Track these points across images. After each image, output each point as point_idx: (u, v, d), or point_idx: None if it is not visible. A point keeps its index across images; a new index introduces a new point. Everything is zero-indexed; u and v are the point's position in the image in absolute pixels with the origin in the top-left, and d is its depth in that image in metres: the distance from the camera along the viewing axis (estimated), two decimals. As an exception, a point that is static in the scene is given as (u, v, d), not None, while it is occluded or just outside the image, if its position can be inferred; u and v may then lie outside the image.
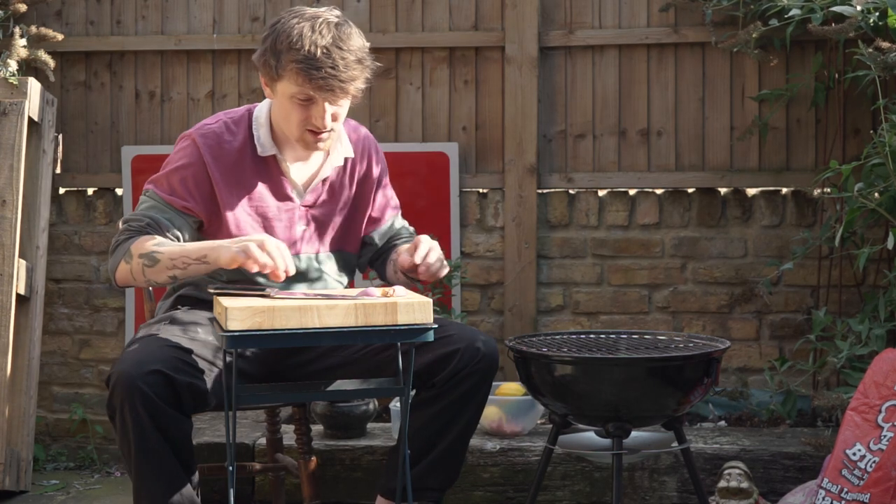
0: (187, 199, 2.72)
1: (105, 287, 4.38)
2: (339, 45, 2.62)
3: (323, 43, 2.60)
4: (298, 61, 2.60)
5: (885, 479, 2.90)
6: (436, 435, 2.72)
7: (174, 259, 2.60)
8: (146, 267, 2.62)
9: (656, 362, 2.71)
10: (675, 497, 3.52)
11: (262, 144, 2.76)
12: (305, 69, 2.60)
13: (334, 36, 2.62)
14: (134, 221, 2.70)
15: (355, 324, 2.41)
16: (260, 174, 2.77)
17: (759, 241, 4.15)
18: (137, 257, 2.63)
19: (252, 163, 2.77)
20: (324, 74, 2.60)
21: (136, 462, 2.50)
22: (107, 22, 4.38)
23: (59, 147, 4.31)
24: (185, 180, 2.72)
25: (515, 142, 4.20)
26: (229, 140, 2.76)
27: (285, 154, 2.79)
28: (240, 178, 2.75)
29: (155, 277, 2.64)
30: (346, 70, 2.62)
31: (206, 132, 2.76)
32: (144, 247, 2.63)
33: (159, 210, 2.71)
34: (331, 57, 2.60)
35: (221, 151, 2.74)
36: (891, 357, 3.02)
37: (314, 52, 2.60)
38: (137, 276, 2.65)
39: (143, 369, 2.45)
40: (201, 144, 2.73)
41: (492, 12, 4.25)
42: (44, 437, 4.38)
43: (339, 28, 2.65)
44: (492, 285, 4.25)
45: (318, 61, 2.60)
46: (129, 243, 2.66)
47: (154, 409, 2.45)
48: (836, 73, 3.99)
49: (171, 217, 2.71)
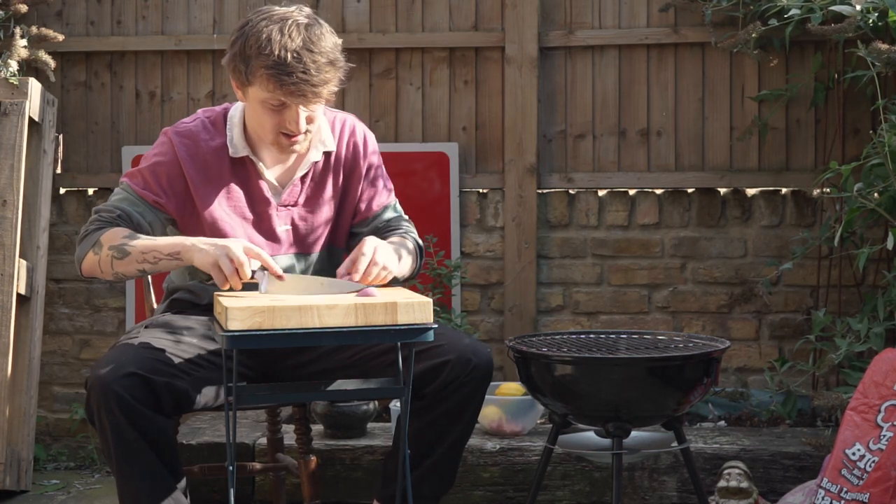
0: (160, 194, 2.70)
1: (105, 287, 4.38)
2: (309, 47, 2.54)
3: (293, 47, 2.53)
4: (268, 67, 2.53)
5: (884, 478, 2.90)
6: (429, 444, 2.69)
7: (145, 253, 2.58)
8: (115, 259, 2.59)
9: (656, 362, 2.71)
10: (674, 497, 3.52)
11: (234, 146, 2.72)
12: (276, 75, 2.53)
13: (304, 38, 2.55)
14: (105, 212, 2.67)
15: (355, 324, 2.40)
16: (236, 175, 2.73)
17: (758, 241, 4.15)
18: (107, 249, 2.60)
19: (228, 163, 2.73)
20: (295, 80, 2.53)
21: (116, 464, 2.49)
22: (107, 22, 4.38)
23: (60, 147, 4.32)
24: (158, 176, 2.70)
25: (515, 142, 4.20)
26: (206, 139, 2.72)
27: (261, 154, 2.75)
28: (216, 177, 2.72)
29: (123, 270, 2.61)
30: (318, 73, 2.54)
31: (182, 130, 2.74)
32: (115, 239, 2.60)
33: (131, 203, 2.69)
34: (301, 61, 2.53)
35: (197, 150, 2.71)
36: (890, 357, 3.02)
37: (284, 56, 2.52)
38: (105, 268, 2.62)
39: (119, 372, 2.44)
40: (176, 143, 2.71)
41: (492, 12, 4.25)
42: (44, 436, 4.38)
43: (310, 29, 2.57)
44: (492, 285, 4.26)
45: (289, 66, 2.52)
46: (99, 234, 2.64)
47: (130, 410, 2.44)
48: (836, 73, 4.00)
49: (143, 211, 2.68)
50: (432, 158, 4.24)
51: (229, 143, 2.72)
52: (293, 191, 2.78)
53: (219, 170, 2.72)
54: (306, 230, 2.80)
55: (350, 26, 4.27)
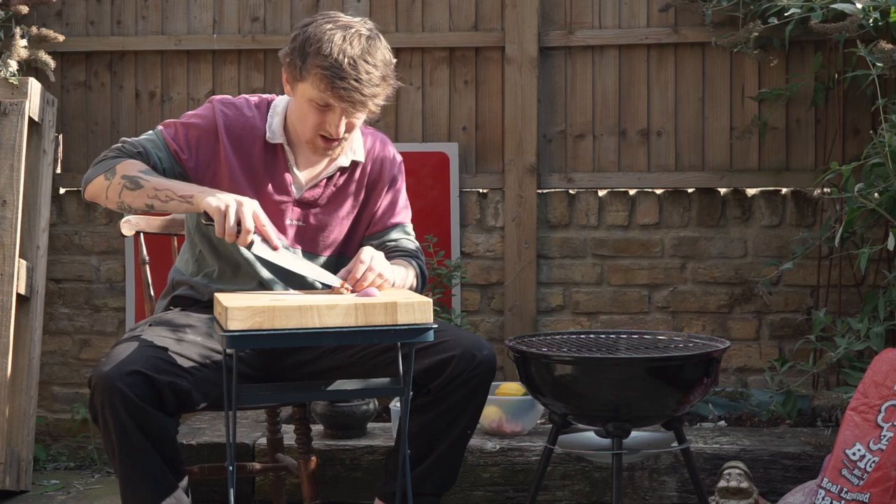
0: (184, 150, 2.75)
1: (105, 287, 4.38)
2: (366, 58, 2.61)
3: (351, 53, 2.59)
4: (324, 67, 2.60)
5: (884, 478, 2.90)
6: (433, 440, 2.70)
7: (158, 190, 2.62)
8: (126, 188, 2.64)
9: (656, 362, 2.71)
10: (674, 497, 3.52)
11: (272, 131, 2.77)
12: (329, 77, 2.59)
13: (363, 48, 2.61)
14: (128, 145, 2.74)
15: (355, 324, 2.40)
16: (266, 160, 2.78)
17: (758, 241, 4.15)
18: (120, 177, 2.65)
19: (261, 148, 2.78)
20: (346, 85, 2.59)
21: (120, 462, 2.50)
22: (107, 22, 4.38)
23: (60, 147, 4.32)
24: (189, 134, 2.76)
25: (515, 142, 4.20)
26: (249, 116, 2.78)
27: (294, 149, 2.80)
28: (246, 155, 2.77)
29: (130, 201, 2.65)
30: (370, 85, 2.61)
31: (227, 102, 2.80)
32: (130, 170, 2.66)
33: (155, 146, 2.74)
34: (356, 69, 2.59)
35: (236, 124, 2.77)
36: (890, 357, 3.02)
37: (341, 60, 2.59)
38: (112, 195, 2.66)
39: (123, 370, 2.46)
40: (219, 111, 2.77)
41: (492, 12, 4.25)
42: (44, 436, 4.38)
43: (370, 42, 2.64)
44: (492, 285, 4.26)
45: (343, 71, 2.59)
46: (115, 161, 2.70)
47: (134, 409, 2.45)
48: (836, 73, 4.00)
49: (164, 157, 2.73)
50: (432, 158, 4.24)
51: (268, 127, 2.78)
52: (315, 191, 2.81)
53: (251, 149, 2.77)
54: (317, 232, 2.82)
55: (350, 26, 4.26)
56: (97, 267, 4.39)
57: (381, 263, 2.63)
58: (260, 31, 4.30)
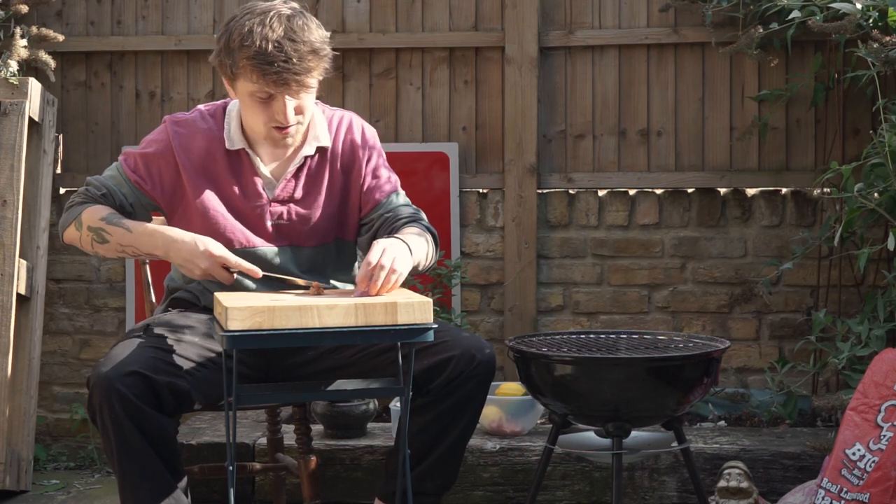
0: (146, 181, 2.75)
1: (105, 287, 4.39)
2: (291, 37, 2.58)
3: (274, 37, 2.57)
4: (250, 57, 2.57)
5: (884, 478, 2.90)
6: (432, 440, 2.70)
7: (124, 245, 2.68)
8: (95, 242, 2.71)
9: (656, 362, 2.71)
10: (674, 497, 3.52)
11: (230, 138, 2.75)
12: (258, 65, 2.57)
13: (286, 28, 2.58)
14: (92, 187, 2.76)
15: (355, 324, 2.40)
16: (230, 168, 2.76)
17: (758, 241, 4.15)
18: (87, 229, 2.70)
19: (223, 156, 2.75)
20: (277, 69, 2.56)
21: (118, 463, 2.50)
22: (107, 22, 4.39)
23: (60, 147, 4.32)
24: (148, 163, 2.76)
25: (515, 142, 4.20)
26: (203, 129, 2.76)
27: (257, 149, 2.77)
28: (210, 169, 2.75)
29: (103, 253, 2.74)
30: (301, 62, 2.58)
31: (180, 119, 2.79)
32: (94, 220, 2.70)
33: (118, 183, 2.76)
34: (283, 50, 2.56)
35: (192, 141, 2.75)
36: (890, 357, 3.02)
37: (265, 46, 2.56)
38: (86, 246, 2.74)
39: (121, 371, 2.46)
40: (171, 132, 2.75)
41: (492, 12, 4.25)
42: (44, 436, 4.38)
43: (292, 20, 2.60)
44: (492, 285, 4.26)
45: (270, 56, 2.56)
46: (81, 209, 2.73)
47: (133, 409, 2.45)
48: (836, 73, 4.00)
49: (127, 193, 2.75)
50: (432, 158, 4.24)
51: (226, 135, 2.76)
52: (287, 186, 2.78)
53: (213, 162, 2.75)
54: (303, 225, 2.80)
55: (350, 26, 4.27)
56: (97, 267, 4.39)
57: (391, 255, 2.54)
58: (260, 31, 4.29)
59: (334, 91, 4.25)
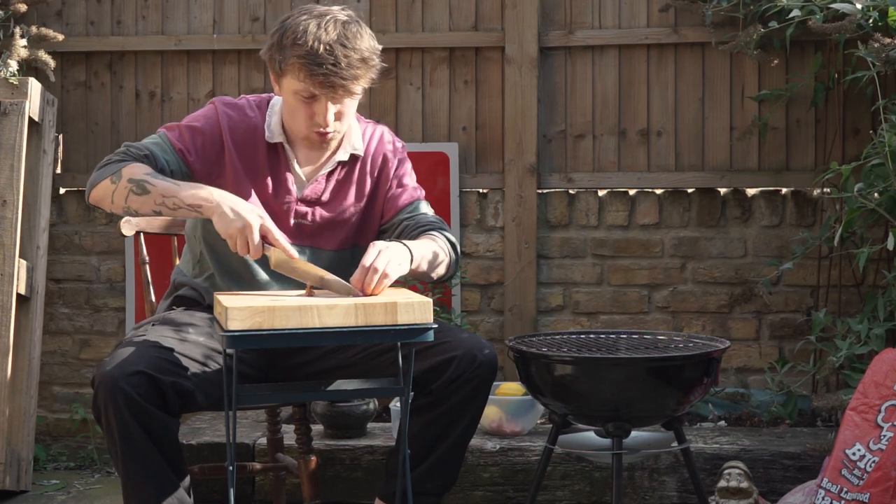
0: (191, 153, 2.74)
1: (105, 287, 4.39)
2: (343, 42, 2.62)
3: (327, 39, 2.60)
4: (301, 56, 2.61)
5: (884, 478, 2.90)
6: (433, 440, 2.70)
7: (166, 196, 2.58)
8: (133, 193, 2.60)
9: (656, 362, 2.71)
10: (674, 497, 3.52)
11: (270, 130, 2.77)
12: (307, 65, 2.60)
13: (340, 33, 2.62)
14: (134, 148, 2.70)
15: (355, 324, 2.40)
16: (268, 159, 2.78)
17: (758, 241, 4.15)
18: (127, 181, 2.61)
19: (263, 146, 2.78)
20: (325, 71, 2.60)
21: (123, 463, 2.50)
22: (107, 22, 4.38)
23: (60, 147, 4.32)
24: (194, 136, 2.74)
25: (515, 142, 4.20)
26: (251, 116, 2.78)
27: (294, 147, 2.80)
28: (250, 156, 2.77)
29: (137, 206, 2.61)
30: (349, 68, 2.61)
31: (230, 103, 2.80)
32: (137, 173, 2.61)
33: (161, 149, 2.72)
34: (333, 54, 2.60)
35: (240, 126, 2.77)
36: (890, 357, 3.02)
37: (317, 48, 2.60)
38: (118, 199, 2.62)
39: (126, 370, 2.46)
40: (221, 112, 2.77)
41: (492, 12, 4.25)
42: (44, 436, 4.38)
43: (346, 26, 2.65)
44: (492, 285, 4.26)
45: (320, 57, 2.60)
46: (121, 165, 2.65)
47: (138, 409, 2.45)
48: (836, 73, 4.00)
49: (170, 160, 2.71)
50: (432, 158, 4.24)
51: (267, 127, 2.78)
52: (316, 187, 2.81)
53: (254, 149, 2.77)
54: (325, 228, 2.81)
55: (350, 26, 4.26)
56: (97, 267, 4.39)
57: (385, 258, 2.55)
58: (260, 31, 4.30)
59: (334, 91, 4.24)
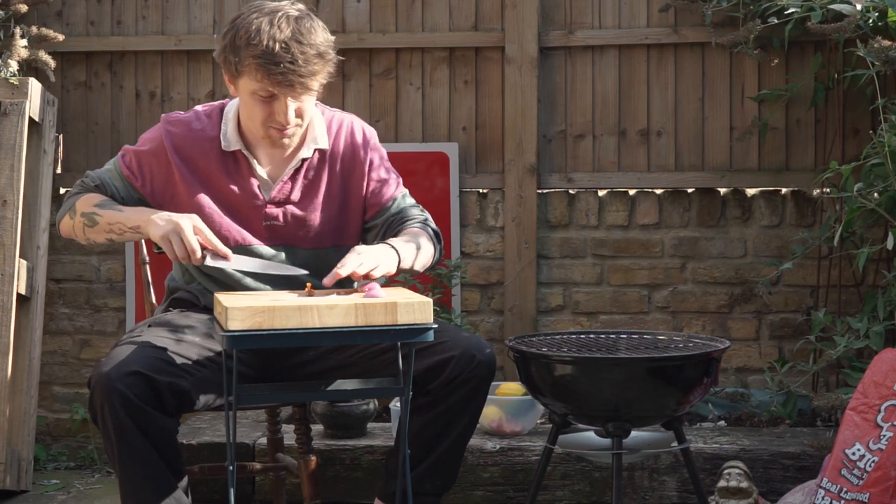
0: (137, 178, 2.78)
1: (105, 287, 4.39)
2: (298, 38, 2.58)
3: (281, 37, 2.57)
4: (256, 56, 2.57)
5: (884, 478, 2.90)
6: (432, 440, 2.70)
7: (111, 224, 2.70)
8: (86, 226, 2.73)
9: (656, 362, 2.71)
10: (674, 497, 3.52)
11: (227, 139, 2.75)
12: (264, 64, 2.57)
13: (294, 30, 2.59)
14: (88, 179, 2.82)
15: (355, 324, 2.40)
16: (226, 169, 2.76)
17: (758, 241, 4.15)
18: (80, 215, 2.74)
19: (219, 157, 2.75)
20: (282, 69, 2.57)
21: (120, 463, 2.50)
22: (107, 22, 4.39)
23: (60, 147, 4.32)
24: (141, 161, 2.78)
25: (515, 142, 4.20)
26: (198, 129, 2.76)
27: (254, 150, 2.77)
28: (203, 169, 2.75)
29: (94, 237, 2.75)
30: (306, 65, 2.58)
31: (174, 119, 2.79)
32: (87, 205, 2.73)
33: (112, 176, 2.80)
34: (289, 51, 2.57)
35: (185, 140, 2.75)
36: (890, 357, 3.02)
37: (272, 46, 2.56)
38: (78, 233, 2.77)
39: (122, 371, 2.46)
40: (165, 132, 2.76)
41: (492, 12, 4.25)
42: (44, 436, 4.38)
43: (300, 22, 2.61)
44: (492, 285, 4.26)
45: (277, 56, 2.56)
46: (76, 198, 2.77)
47: (134, 410, 2.45)
48: (836, 73, 4.00)
49: (119, 187, 2.79)
50: (432, 158, 4.24)
51: (222, 136, 2.75)
52: (283, 187, 2.78)
53: (207, 162, 2.75)
54: (299, 227, 2.79)
55: (350, 26, 4.27)
56: (97, 267, 4.39)
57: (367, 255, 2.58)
58: (260, 31, 4.29)
59: (334, 91, 4.25)
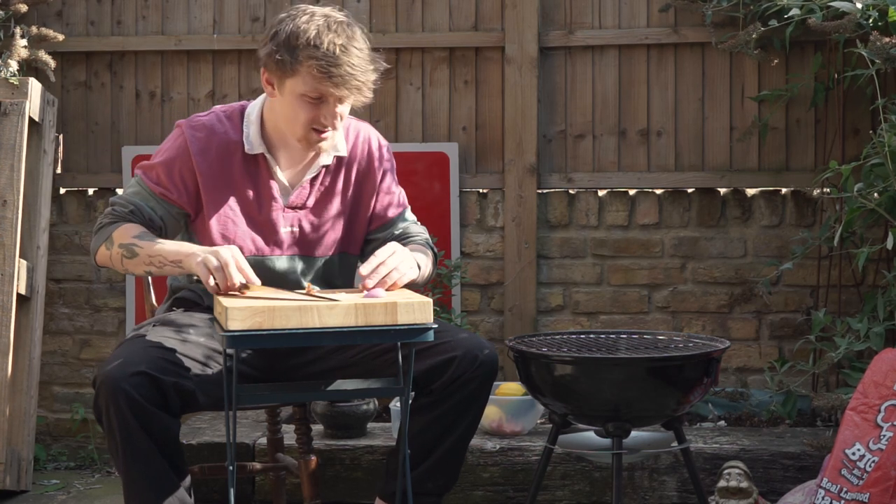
0: (171, 190, 2.73)
1: (105, 287, 4.39)
2: (353, 44, 2.62)
3: (340, 42, 2.60)
4: (317, 58, 2.59)
5: (884, 478, 2.90)
6: (434, 440, 2.70)
7: (152, 257, 2.63)
8: (125, 258, 2.66)
9: (656, 362, 2.71)
10: (674, 497, 3.52)
11: (250, 142, 2.75)
12: (325, 66, 2.59)
13: (348, 35, 2.62)
14: (119, 206, 2.73)
15: (355, 324, 2.40)
16: (247, 172, 2.76)
17: (758, 241, 4.15)
18: (118, 246, 2.67)
19: (240, 160, 2.75)
20: (343, 72, 2.59)
21: (124, 463, 2.51)
22: (107, 22, 4.39)
23: (60, 147, 4.32)
24: (171, 172, 2.74)
25: (515, 142, 4.21)
26: (220, 132, 2.75)
27: (275, 154, 2.78)
28: (226, 173, 2.74)
29: (132, 269, 2.68)
30: (364, 70, 2.62)
31: (196, 124, 2.77)
32: (126, 237, 2.66)
33: (143, 198, 2.73)
34: (349, 55, 2.60)
35: (209, 145, 2.74)
36: (890, 357, 3.02)
37: (333, 49, 2.59)
38: (116, 264, 2.70)
39: (128, 371, 2.46)
40: (189, 137, 2.74)
41: (492, 12, 4.25)
42: (44, 436, 4.38)
43: (350, 28, 2.65)
44: (492, 285, 4.26)
45: (338, 59, 2.59)
46: (112, 228, 2.70)
47: (139, 410, 2.46)
48: (836, 73, 4.00)
49: (154, 206, 2.73)
50: (432, 158, 4.24)
51: (245, 139, 2.75)
52: (301, 193, 2.79)
53: (230, 165, 2.75)
54: (312, 233, 2.81)
55: (350, 26, 4.27)
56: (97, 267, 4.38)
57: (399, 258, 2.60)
58: (260, 31, 4.29)
59: (334, 91, 4.24)
